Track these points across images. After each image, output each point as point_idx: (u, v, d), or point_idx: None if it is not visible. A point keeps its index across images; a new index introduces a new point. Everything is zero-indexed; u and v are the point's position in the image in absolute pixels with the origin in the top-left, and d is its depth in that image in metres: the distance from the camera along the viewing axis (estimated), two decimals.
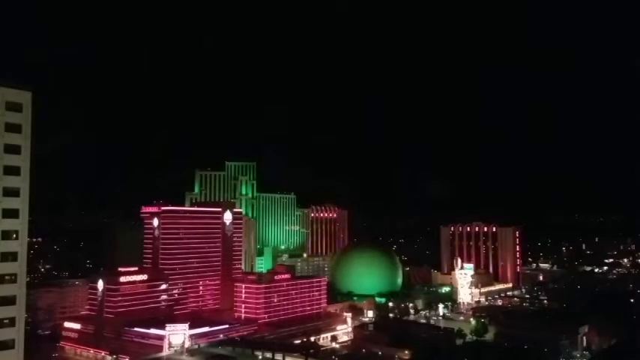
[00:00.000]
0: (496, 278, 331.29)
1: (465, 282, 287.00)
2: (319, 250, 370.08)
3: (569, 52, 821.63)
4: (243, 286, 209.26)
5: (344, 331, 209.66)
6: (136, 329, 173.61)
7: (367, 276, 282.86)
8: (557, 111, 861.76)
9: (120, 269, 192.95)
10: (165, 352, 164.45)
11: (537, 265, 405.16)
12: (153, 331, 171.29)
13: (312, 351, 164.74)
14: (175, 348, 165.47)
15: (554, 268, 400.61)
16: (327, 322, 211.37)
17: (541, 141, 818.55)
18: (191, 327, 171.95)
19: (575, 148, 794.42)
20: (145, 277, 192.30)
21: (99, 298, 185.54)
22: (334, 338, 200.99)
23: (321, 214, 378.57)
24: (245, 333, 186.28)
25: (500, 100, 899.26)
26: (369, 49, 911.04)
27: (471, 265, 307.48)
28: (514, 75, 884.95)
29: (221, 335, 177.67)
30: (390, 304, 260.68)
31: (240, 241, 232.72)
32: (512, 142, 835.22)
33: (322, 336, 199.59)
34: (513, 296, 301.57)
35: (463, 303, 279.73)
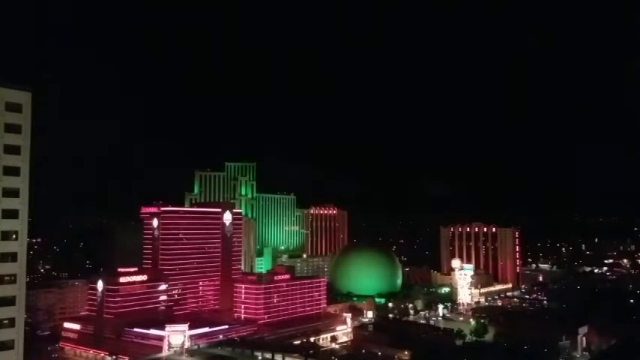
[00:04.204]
0: (496, 279, 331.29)
1: (464, 282, 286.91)
2: (319, 251, 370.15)
3: (569, 50, 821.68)
4: (243, 286, 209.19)
5: (344, 332, 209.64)
6: (135, 330, 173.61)
7: (367, 276, 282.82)
8: (558, 111, 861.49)
9: (119, 270, 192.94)
10: (165, 352, 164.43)
11: (537, 266, 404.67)
12: (152, 331, 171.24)
13: (311, 352, 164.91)
14: (175, 348, 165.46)
15: (554, 268, 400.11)
16: (326, 322, 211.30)
17: (541, 141, 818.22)
18: (191, 327, 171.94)
19: (575, 148, 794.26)
20: (144, 277, 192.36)
21: (98, 299, 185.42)
22: (334, 339, 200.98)
23: (321, 215, 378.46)
24: (245, 333, 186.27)
25: (500, 100, 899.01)
26: (369, 48, 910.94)
27: (471, 266, 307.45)
28: (514, 75, 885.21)
29: (221, 336, 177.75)
30: (390, 304, 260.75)
31: (239, 242, 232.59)
32: (512, 143, 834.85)
33: (322, 336, 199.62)
34: (513, 297, 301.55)
35: (463, 303, 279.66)
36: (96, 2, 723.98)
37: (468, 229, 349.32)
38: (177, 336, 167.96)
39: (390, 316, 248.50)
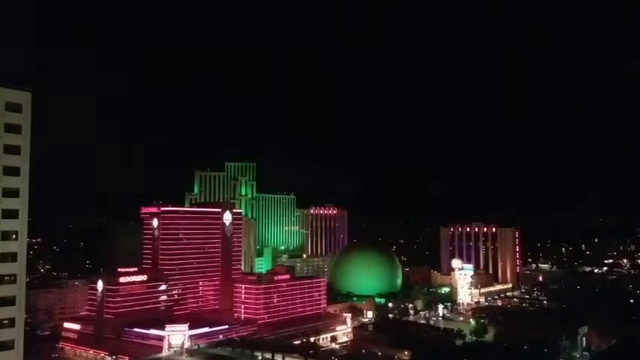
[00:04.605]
0: (496, 279, 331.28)
1: (464, 282, 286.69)
2: (319, 251, 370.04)
3: (570, 49, 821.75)
4: (243, 286, 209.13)
5: (344, 332, 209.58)
6: (135, 330, 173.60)
7: (367, 276, 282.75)
8: (558, 111, 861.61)
9: (119, 270, 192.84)
10: (165, 352, 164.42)
11: (537, 266, 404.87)
12: (152, 331, 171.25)
13: (311, 352, 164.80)
14: (175, 348, 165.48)
15: (554, 268, 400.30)
16: (326, 322, 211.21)
17: (541, 141, 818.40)
18: (191, 327, 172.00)
19: (575, 148, 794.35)
20: (144, 277, 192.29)
21: (98, 299, 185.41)
22: (334, 339, 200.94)
23: (321, 215, 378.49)
24: (245, 333, 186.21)
25: (500, 100, 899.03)
26: (368, 48, 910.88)
27: (471, 266, 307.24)
28: (514, 74, 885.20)
29: (221, 336, 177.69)
30: (390, 304, 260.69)
31: (239, 242, 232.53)
32: (512, 142, 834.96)
33: (322, 336, 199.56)
34: (513, 297, 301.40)
35: (463, 303, 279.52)
36: (96, 1, 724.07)
37: (468, 229, 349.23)
38: (177, 336, 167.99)
39: (390, 316, 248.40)
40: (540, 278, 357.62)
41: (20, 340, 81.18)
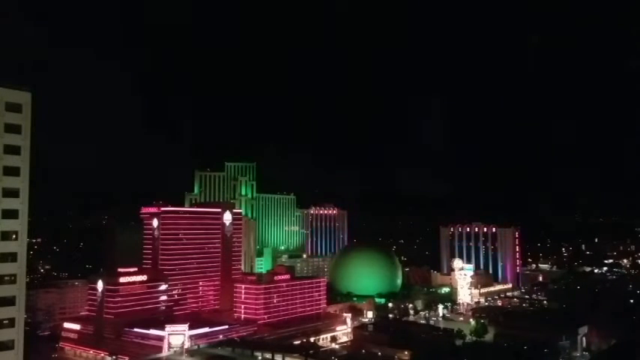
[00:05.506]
0: (496, 279, 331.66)
1: (464, 283, 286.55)
2: (319, 251, 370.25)
3: (568, 50, 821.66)
4: (243, 286, 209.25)
5: (344, 332, 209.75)
6: (135, 330, 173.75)
7: (367, 276, 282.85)
8: (558, 111, 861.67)
9: (119, 270, 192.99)
10: (165, 352, 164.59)
11: (537, 266, 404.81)
12: (152, 331, 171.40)
13: (311, 352, 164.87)
14: (175, 349, 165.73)
15: (554, 268, 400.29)
16: (326, 322, 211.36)
17: (541, 141, 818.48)
18: (191, 328, 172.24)
19: (575, 148, 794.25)
20: (144, 277, 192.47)
21: (98, 299, 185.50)
22: (334, 339, 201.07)
23: (321, 215, 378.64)
24: (245, 334, 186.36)
25: (500, 100, 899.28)
26: (369, 47, 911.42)
27: (471, 266, 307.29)
28: (514, 73, 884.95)
29: (221, 336, 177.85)
30: (390, 304, 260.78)
31: (239, 242, 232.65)
32: (512, 142, 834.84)
33: (322, 337, 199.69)
34: (513, 297, 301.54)
35: (463, 304, 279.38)
36: (96, 2, 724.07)
37: (468, 229, 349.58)
38: (177, 336, 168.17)
39: (390, 316, 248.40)
40: (540, 278, 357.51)
41: (20, 340, 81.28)
